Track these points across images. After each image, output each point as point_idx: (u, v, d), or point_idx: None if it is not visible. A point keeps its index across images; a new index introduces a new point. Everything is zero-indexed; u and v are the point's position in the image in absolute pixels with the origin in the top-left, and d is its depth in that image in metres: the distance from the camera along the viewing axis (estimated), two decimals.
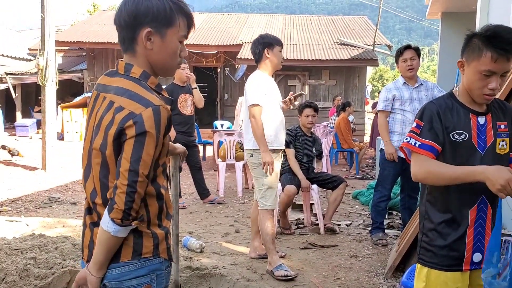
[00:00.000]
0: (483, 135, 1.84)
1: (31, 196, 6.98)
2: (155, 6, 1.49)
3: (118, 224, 1.40)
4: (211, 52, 15.41)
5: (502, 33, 1.74)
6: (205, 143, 10.78)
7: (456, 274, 1.87)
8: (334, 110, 11.63)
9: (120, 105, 1.43)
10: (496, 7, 5.69)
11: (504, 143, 1.87)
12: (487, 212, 1.84)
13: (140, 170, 1.39)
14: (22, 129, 14.58)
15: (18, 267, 3.34)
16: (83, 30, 16.86)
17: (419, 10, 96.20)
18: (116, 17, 1.54)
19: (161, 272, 1.54)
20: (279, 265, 3.80)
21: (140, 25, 1.49)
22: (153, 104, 1.42)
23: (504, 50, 1.72)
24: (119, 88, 1.48)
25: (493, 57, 1.73)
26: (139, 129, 1.38)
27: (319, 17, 21.19)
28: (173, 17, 1.52)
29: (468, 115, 1.85)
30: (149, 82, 1.52)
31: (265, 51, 3.88)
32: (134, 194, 1.39)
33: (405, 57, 4.57)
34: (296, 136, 5.21)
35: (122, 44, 1.55)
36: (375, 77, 43.29)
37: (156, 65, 1.56)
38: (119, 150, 1.42)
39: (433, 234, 1.90)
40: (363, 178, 9.01)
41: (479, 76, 1.78)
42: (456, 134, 1.82)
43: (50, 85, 9.11)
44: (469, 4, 8.16)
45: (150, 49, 1.52)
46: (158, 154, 1.45)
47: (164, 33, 1.52)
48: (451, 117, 1.84)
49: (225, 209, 6.22)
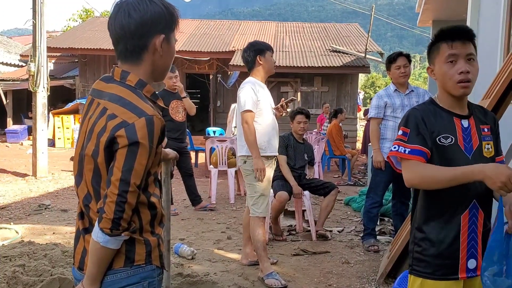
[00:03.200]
0: (468, 138, 1.84)
1: (21, 203, 6.91)
2: (164, 12, 1.49)
3: (107, 234, 1.37)
4: (203, 59, 15.42)
5: (449, 27, 1.88)
6: (197, 149, 10.76)
7: (451, 283, 1.84)
8: (322, 117, 11.67)
9: (113, 113, 1.41)
10: (486, 15, 5.75)
11: (489, 146, 1.87)
12: (479, 217, 1.83)
13: (131, 180, 1.37)
14: (12, 135, 14.51)
15: (6, 274, 3.30)
16: (75, 36, 16.81)
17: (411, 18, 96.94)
18: (117, 25, 1.48)
19: (153, 279, 1.51)
20: (270, 273, 3.78)
21: (153, 33, 1.48)
22: (147, 114, 1.40)
23: (454, 34, 1.84)
24: (113, 95, 1.46)
25: (448, 44, 1.83)
26: (131, 139, 1.36)
27: (312, 25, 21.31)
28: (175, 21, 1.54)
29: (452, 119, 1.86)
30: (145, 91, 1.50)
31: (258, 58, 3.88)
32: (124, 204, 1.36)
33: (398, 64, 4.61)
34: (288, 142, 5.21)
35: (125, 53, 1.50)
36: (367, 84, 43.58)
37: (158, 70, 1.55)
38: (111, 158, 1.40)
39: (425, 243, 1.87)
40: (355, 185, 9.03)
41: (446, 66, 1.84)
42: (442, 138, 1.82)
43: (41, 92, 9.07)
44: (459, 13, 8.24)
45: (161, 55, 1.51)
46: (150, 163, 1.43)
47: (170, 37, 1.53)
48: (435, 122, 1.84)
49: (217, 215, 6.20)
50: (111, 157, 1.40)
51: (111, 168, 1.38)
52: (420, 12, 10.04)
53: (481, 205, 1.83)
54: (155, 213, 1.50)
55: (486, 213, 1.85)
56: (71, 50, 16.20)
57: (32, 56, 8.98)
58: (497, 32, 5.06)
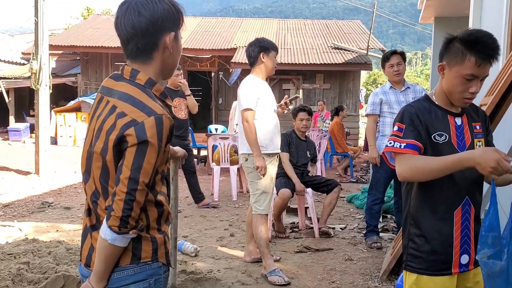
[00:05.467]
0: (461, 135, 1.87)
1: (24, 200, 6.93)
2: (172, 9, 1.49)
3: (115, 232, 1.38)
4: (205, 56, 15.41)
5: (484, 38, 1.76)
6: (199, 147, 10.77)
7: (445, 278, 1.86)
8: (316, 114, 11.64)
9: (123, 111, 1.42)
10: (488, 11, 5.74)
11: (480, 143, 1.90)
12: (471, 213, 1.86)
13: (140, 178, 1.37)
14: (15, 133, 14.51)
15: (11, 272, 3.32)
16: (77, 34, 16.81)
17: (412, 15, 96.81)
18: (128, 24, 1.47)
19: (159, 277, 1.52)
20: (273, 270, 3.79)
21: (163, 31, 1.48)
22: (156, 113, 1.40)
23: (488, 55, 1.75)
24: (123, 93, 1.46)
25: (477, 62, 1.75)
26: (141, 137, 1.37)
27: (313, 22, 21.27)
28: (181, 18, 1.54)
29: (446, 117, 1.88)
30: (154, 90, 1.51)
31: (261, 55, 3.88)
32: (133, 202, 1.37)
33: (391, 63, 4.65)
34: (290, 140, 5.21)
35: (136, 52, 1.49)
36: (369, 81, 43.49)
37: (167, 68, 1.56)
38: (119, 156, 1.40)
39: (420, 239, 1.89)
40: (358, 182, 9.03)
41: (461, 80, 1.80)
42: (437, 135, 1.84)
43: (44, 89, 9.07)
44: (461, 9, 8.22)
45: (170, 53, 1.52)
46: (159, 162, 1.44)
47: (178, 35, 1.54)
48: (430, 119, 1.86)
49: (220, 213, 6.21)
50: (120, 155, 1.40)
51: (120, 166, 1.39)
52: (422, 9, 10.02)
53: (473, 202, 1.86)
54: (162, 211, 1.51)
55: (477, 209, 1.89)
56: (73, 48, 16.22)
57: (34, 54, 8.98)
58: (500, 29, 5.05)
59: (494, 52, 1.76)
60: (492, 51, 1.75)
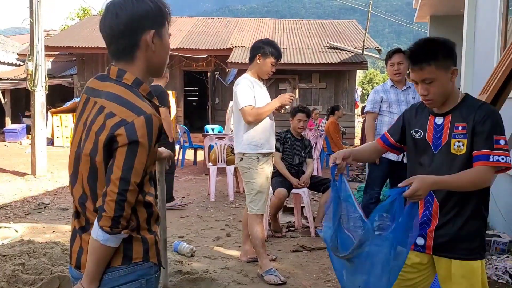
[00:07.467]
0: (438, 134, 2.03)
1: (20, 201, 6.91)
2: (152, 8, 1.49)
3: (107, 232, 1.38)
4: (201, 56, 15.39)
5: (407, 50, 2.05)
6: (196, 147, 10.76)
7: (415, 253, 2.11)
8: (311, 122, 11.57)
9: (112, 111, 1.41)
10: (483, 10, 5.76)
11: (460, 144, 1.97)
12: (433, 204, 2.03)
13: (132, 179, 1.37)
14: (11, 134, 14.49)
15: (6, 273, 3.31)
16: (73, 35, 16.78)
17: (408, 14, 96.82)
18: (107, 26, 1.49)
19: (150, 277, 1.53)
20: (269, 269, 3.80)
21: (142, 29, 1.49)
22: (146, 113, 1.41)
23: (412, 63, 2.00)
24: (110, 94, 1.46)
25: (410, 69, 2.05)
26: (131, 137, 1.37)
27: (309, 21, 21.28)
28: (165, 16, 1.54)
29: (428, 116, 2.10)
30: (141, 90, 1.51)
31: (257, 56, 3.87)
32: (124, 203, 1.37)
33: (392, 62, 4.59)
34: (285, 139, 5.22)
35: (117, 53, 1.51)
36: (365, 81, 43.59)
37: (154, 67, 1.56)
38: (109, 157, 1.40)
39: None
40: (353, 181, 9.04)
41: None
42: (414, 132, 2.12)
43: (40, 91, 9.05)
44: (456, 8, 8.25)
45: (153, 51, 1.52)
46: (149, 162, 1.44)
47: (161, 33, 1.53)
48: (415, 117, 2.14)
49: (216, 213, 6.21)
50: (110, 156, 1.40)
51: (110, 167, 1.39)
52: (417, 8, 10.04)
53: (436, 194, 2.01)
54: (151, 211, 1.51)
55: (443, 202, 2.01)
56: (69, 49, 16.18)
57: (30, 55, 8.95)
58: (494, 27, 5.07)
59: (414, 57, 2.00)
60: (411, 55, 2.02)
